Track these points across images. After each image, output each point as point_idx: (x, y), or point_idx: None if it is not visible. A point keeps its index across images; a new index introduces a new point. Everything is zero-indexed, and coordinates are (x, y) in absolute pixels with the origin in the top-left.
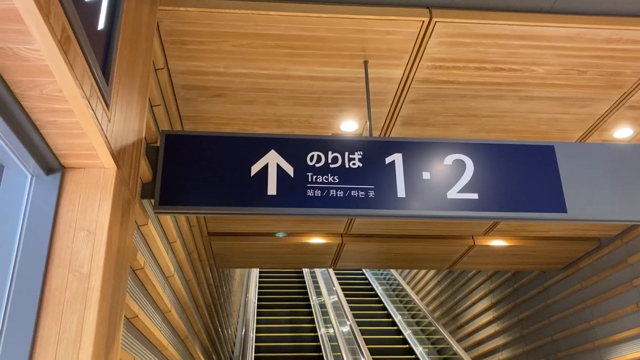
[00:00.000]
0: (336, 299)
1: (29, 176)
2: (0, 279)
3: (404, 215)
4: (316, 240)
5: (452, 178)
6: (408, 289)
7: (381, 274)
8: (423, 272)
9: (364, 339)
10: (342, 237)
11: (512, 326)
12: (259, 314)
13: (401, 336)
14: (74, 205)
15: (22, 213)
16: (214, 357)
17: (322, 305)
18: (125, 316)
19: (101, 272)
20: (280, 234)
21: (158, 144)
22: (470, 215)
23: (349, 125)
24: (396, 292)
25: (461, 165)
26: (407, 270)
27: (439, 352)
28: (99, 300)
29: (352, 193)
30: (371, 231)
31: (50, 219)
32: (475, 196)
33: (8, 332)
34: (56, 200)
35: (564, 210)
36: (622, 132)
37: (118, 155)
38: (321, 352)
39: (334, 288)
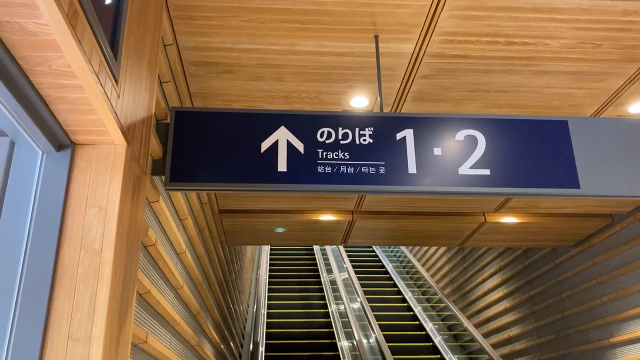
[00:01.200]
0: (347, 276)
1: (40, 153)
2: (13, 255)
3: (415, 192)
4: (327, 217)
5: (463, 154)
6: (418, 266)
7: (391, 251)
8: (434, 249)
9: (374, 315)
10: (352, 214)
11: (522, 303)
12: (270, 290)
13: (411, 312)
14: (85, 181)
15: (33, 189)
16: (225, 333)
17: (333, 282)
18: (137, 292)
19: (113, 247)
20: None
21: (168, 121)
22: (482, 191)
23: (359, 102)
24: (406, 269)
25: (473, 141)
26: (418, 248)
27: (449, 328)
28: (111, 276)
29: (363, 169)
30: (382, 208)
31: (62, 195)
32: (487, 172)
33: (23, 306)
34: (67, 176)
35: (577, 186)
36: (637, 107)
37: (128, 132)
38: (332, 328)
39: (344, 265)
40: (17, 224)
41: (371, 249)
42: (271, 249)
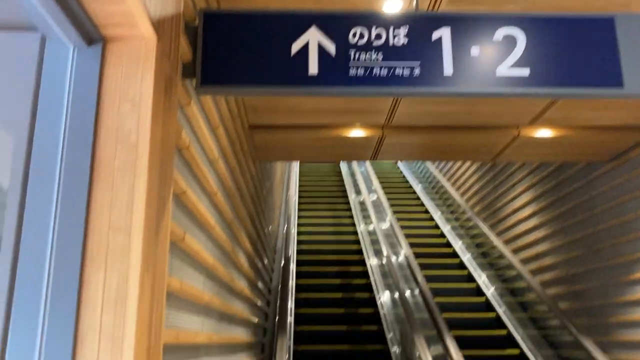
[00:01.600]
0: (375, 197)
1: (71, 47)
2: (51, 148)
3: (450, 93)
4: (357, 132)
5: (502, 53)
6: (448, 185)
7: (420, 172)
8: (464, 168)
9: (403, 234)
10: (382, 129)
11: (553, 219)
12: (299, 210)
13: (439, 230)
14: (117, 76)
15: (67, 84)
16: (258, 246)
17: (362, 203)
18: (174, 191)
19: (148, 142)
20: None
21: (196, 24)
22: (521, 91)
23: (393, 4)
24: (435, 190)
25: (512, 40)
26: (447, 168)
27: (478, 245)
28: (147, 169)
29: (397, 71)
30: (412, 123)
31: (95, 90)
32: (526, 72)
33: (64, 199)
34: (99, 71)
35: (621, 86)
36: None
37: (157, 26)
38: (360, 245)
39: (372, 187)
40: (53, 118)
41: (399, 171)
42: (300, 172)
